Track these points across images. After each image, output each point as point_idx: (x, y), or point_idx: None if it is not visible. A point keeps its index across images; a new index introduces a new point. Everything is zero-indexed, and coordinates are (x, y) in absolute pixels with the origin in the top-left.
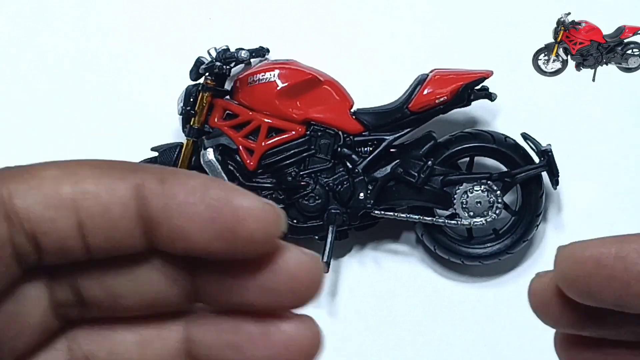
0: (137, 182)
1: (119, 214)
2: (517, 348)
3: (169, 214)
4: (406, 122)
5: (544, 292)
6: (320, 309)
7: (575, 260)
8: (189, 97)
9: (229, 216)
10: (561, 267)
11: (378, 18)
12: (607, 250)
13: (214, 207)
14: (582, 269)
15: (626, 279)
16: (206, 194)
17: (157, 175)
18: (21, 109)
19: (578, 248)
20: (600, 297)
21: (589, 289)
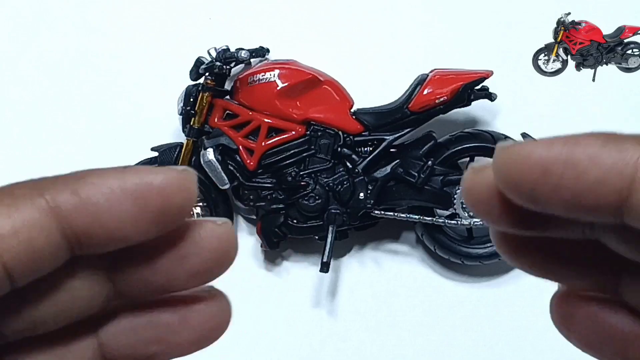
0: (51, 205)
1: (42, 243)
2: (517, 348)
3: (97, 222)
4: (406, 122)
5: (482, 190)
6: (320, 308)
7: (519, 165)
8: (189, 97)
9: (156, 199)
10: (503, 171)
11: (378, 18)
12: (555, 155)
13: (139, 196)
14: (527, 175)
15: (578, 189)
16: (125, 187)
17: (68, 188)
18: (21, 109)
19: (522, 151)
20: (548, 206)
21: (535, 197)
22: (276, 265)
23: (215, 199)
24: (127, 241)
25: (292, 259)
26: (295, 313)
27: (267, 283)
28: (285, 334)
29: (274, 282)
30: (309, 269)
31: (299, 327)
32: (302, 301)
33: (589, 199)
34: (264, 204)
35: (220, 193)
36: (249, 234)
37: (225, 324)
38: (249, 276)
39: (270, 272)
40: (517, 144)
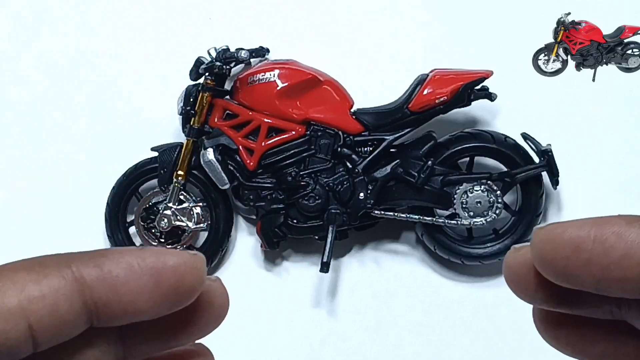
0: (76, 275)
1: (65, 310)
2: (517, 348)
3: (116, 295)
4: (406, 122)
5: (520, 267)
6: (320, 308)
7: (553, 243)
8: (189, 97)
9: (170, 277)
10: (538, 249)
11: (378, 18)
12: (585, 234)
13: (155, 273)
14: (560, 252)
15: (605, 264)
16: (144, 264)
17: (92, 262)
18: (21, 109)
19: (556, 230)
20: (579, 281)
21: (567, 273)
22: (276, 265)
23: (215, 199)
24: (141, 315)
25: (292, 259)
26: (295, 313)
27: (267, 283)
28: (285, 334)
29: (274, 282)
30: (309, 269)
31: (299, 327)
32: (302, 301)
33: (616, 273)
34: (264, 204)
35: (220, 193)
36: (249, 234)
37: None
38: (249, 276)
39: (270, 272)
40: (551, 224)
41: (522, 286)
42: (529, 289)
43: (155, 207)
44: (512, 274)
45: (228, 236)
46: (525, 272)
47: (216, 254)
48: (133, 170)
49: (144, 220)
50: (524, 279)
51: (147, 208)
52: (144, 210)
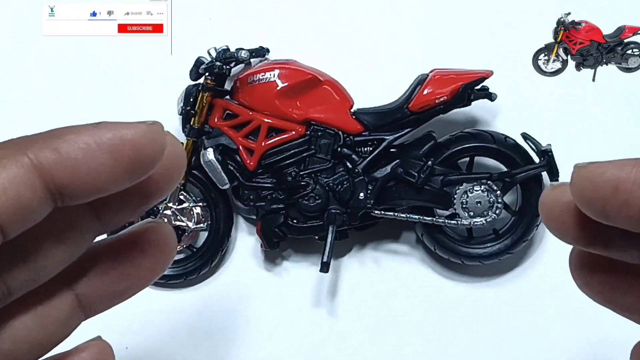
0: (34, 162)
1: (28, 197)
2: (517, 348)
3: (76, 176)
4: (406, 122)
5: (556, 205)
6: (320, 308)
7: (592, 183)
8: (189, 97)
9: (129, 151)
10: (578, 187)
11: (378, 18)
12: (625, 175)
13: (113, 150)
14: (600, 192)
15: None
16: (101, 142)
17: (48, 146)
18: (21, 109)
19: (597, 170)
20: (616, 220)
21: (605, 212)
22: (276, 265)
23: (215, 199)
24: (104, 191)
25: (292, 259)
26: (295, 313)
27: (267, 283)
28: (285, 334)
29: (274, 282)
30: (309, 269)
31: (299, 327)
32: (302, 301)
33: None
34: (264, 204)
35: (220, 193)
36: (249, 234)
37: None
38: (249, 276)
39: (270, 272)
40: (593, 163)
41: (557, 223)
42: (564, 226)
43: (155, 207)
44: (548, 211)
45: (228, 236)
46: (560, 210)
47: (216, 254)
48: None
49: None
50: (559, 216)
51: None
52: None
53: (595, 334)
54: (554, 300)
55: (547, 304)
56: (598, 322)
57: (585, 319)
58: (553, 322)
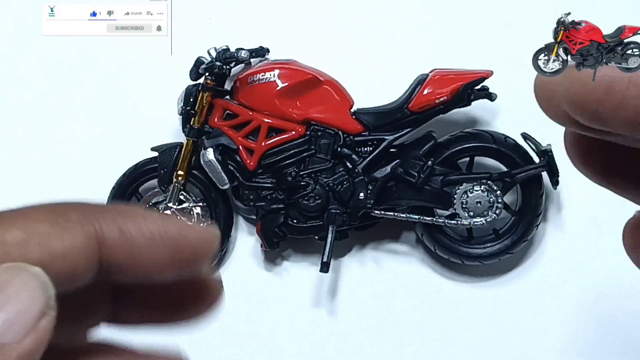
0: (98, 234)
1: (83, 267)
2: (517, 348)
3: (132, 259)
4: (406, 122)
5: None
6: (320, 308)
7: (583, 83)
8: (189, 97)
9: (187, 251)
10: (568, 90)
11: (378, 18)
12: (620, 75)
13: (174, 246)
14: (592, 94)
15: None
16: (165, 235)
17: (115, 222)
18: (21, 109)
19: (588, 71)
20: (611, 123)
21: (598, 114)
22: (276, 265)
23: (215, 199)
24: (150, 278)
25: (292, 259)
26: (295, 313)
27: (267, 283)
28: (285, 334)
29: (274, 282)
30: (309, 269)
31: (299, 327)
32: (302, 301)
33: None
34: (264, 204)
35: (220, 193)
36: (249, 234)
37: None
38: (249, 276)
39: (270, 272)
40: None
41: (551, 106)
42: (559, 110)
43: (155, 207)
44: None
45: (228, 236)
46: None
47: (216, 254)
48: (133, 170)
49: None
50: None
51: (147, 208)
52: None
53: (595, 334)
54: (554, 300)
55: (547, 304)
56: (598, 322)
57: (585, 319)
58: (553, 322)
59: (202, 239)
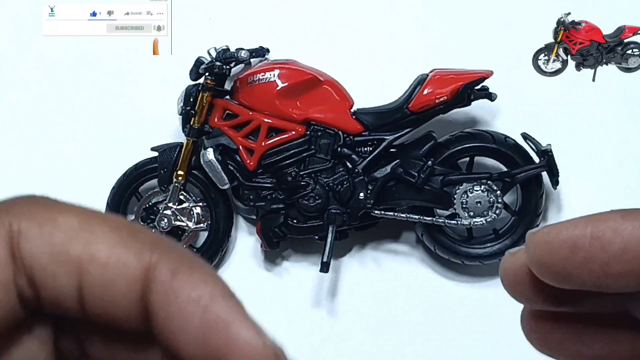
0: (150, 265)
1: (121, 292)
2: (517, 348)
3: (165, 313)
4: (406, 122)
5: (517, 271)
6: (320, 308)
7: (549, 245)
8: (189, 97)
9: (221, 343)
10: (534, 253)
11: (378, 18)
12: (581, 232)
13: (209, 326)
14: (558, 254)
15: (604, 260)
16: (208, 310)
17: (172, 264)
18: (21, 109)
19: (551, 232)
20: (578, 281)
21: (566, 274)
22: (276, 265)
23: (215, 199)
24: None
25: (292, 259)
26: (295, 313)
27: (267, 283)
28: (285, 334)
29: (274, 282)
30: (309, 269)
31: (299, 327)
32: (302, 301)
33: (616, 268)
34: (264, 204)
35: (220, 193)
36: (249, 234)
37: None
38: (249, 276)
39: (270, 272)
40: (545, 227)
41: (520, 290)
42: (528, 292)
43: (155, 207)
44: (509, 279)
45: (228, 236)
46: (522, 275)
47: (216, 254)
48: (133, 170)
49: (144, 220)
50: (521, 282)
51: (147, 208)
52: (144, 210)
53: None
54: None
55: None
56: None
57: None
58: None
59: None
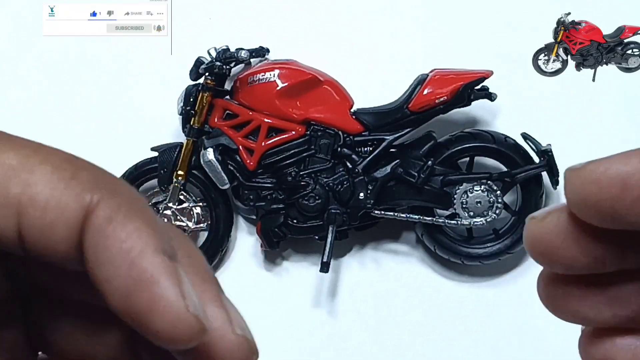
0: (90, 208)
1: (60, 235)
2: (517, 348)
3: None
4: (406, 122)
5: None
6: (320, 308)
7: (597, 184)
8: (189, 97)
9: (143, 300)
10: (578, 193)
11: (378, 18)
12: (633, 168)
13: (134, 281)
14: (606, 192)
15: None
16: (135, 264)
17: (110, 209)
18: (21, 108)
19: (598, 169)
20: (630, 221)
21: (615, 214)
22: (276, 265)
23: (215, 199)
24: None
25: (292, 259)
26: (295, 313)
27: (267, 283)
28: (285, 334)
29: (274, 282)
30: (309, 269)
31: (299, 327)
32: (302, 301)
33: None
34: (264, 204)
35: (220, 193)
36: (249, 234)
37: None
38: (249, 276)
39: (270, 272)
40: (588, 163)
41: (556, 257)
42: (565, 256)
43: (155, 207)
44: (541, 246)
45: (228, 236)
46: (558, 240)
47: (216, 254)
48: (133, 170)
49: None
50: (557, 247)
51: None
52: None
53: None
54: None
55: None
56: None
57: None
58: (553, 322)
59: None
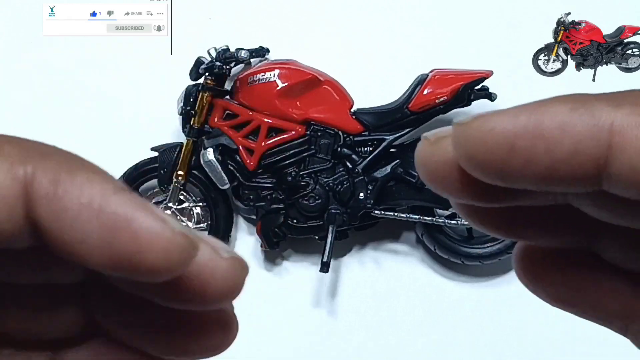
0: (28, 179)
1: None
2: (517, 348)
3: (58, 226)
4: (406, 122)
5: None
6: (321, 308)
7: (483, 141)
8: (189, 97)
9: (126, 241)
10: (465, 149)
11: (378, 18)
12: (522, 129)
13: (110, 228)
14: (494, 152)
15: (549, 163)
16: (103, 210)
17: (50, 172)
18: (22, 108)
19: (484, 126)
20: (519, 182)
21: (504, 175)
22: (276, 265)
23: (215, 199)
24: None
25: (292, 259)
26: (295, 313)
27: (267, 283)
28: (285, 334)
29: (274, 282)
30: (309, 269)
31: (299, 327)
32: (302, 301)
33: (564, 172)
34: (264, 204)
35: (220, 193)
36: (249, 234)
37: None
38: (249, 276)
39: (270, 272)
40: (477, 117)
41: (445, 184)
42: (454, 186)
43: None
44: (430, 172)
45: (228, 236)
46: (447, 169)
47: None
48: (133, 170)
49: None
50: (446, 175)
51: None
52: None
53: (595, 334)
54: None
55: (547, 304)
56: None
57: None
58: (553, 322)
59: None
